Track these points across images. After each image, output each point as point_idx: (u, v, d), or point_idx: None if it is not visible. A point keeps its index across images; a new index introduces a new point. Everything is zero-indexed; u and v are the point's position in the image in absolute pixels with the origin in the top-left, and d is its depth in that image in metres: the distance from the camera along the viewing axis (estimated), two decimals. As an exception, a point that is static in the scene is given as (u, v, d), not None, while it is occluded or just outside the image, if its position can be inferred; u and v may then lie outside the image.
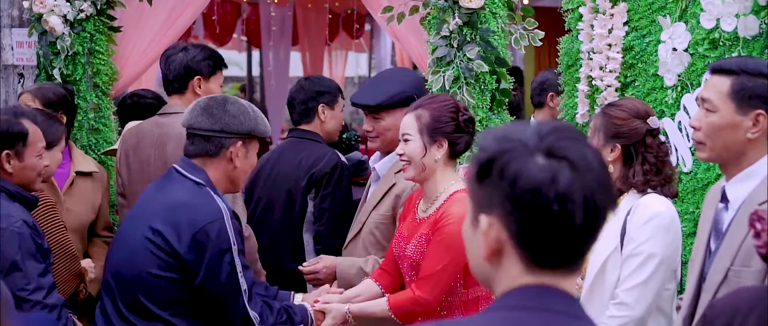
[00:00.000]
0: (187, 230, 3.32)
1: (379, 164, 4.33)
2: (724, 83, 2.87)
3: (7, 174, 3.52)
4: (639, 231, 3.32)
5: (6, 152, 3.50)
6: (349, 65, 20.45)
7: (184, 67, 4.41)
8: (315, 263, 4.20)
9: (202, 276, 3.33)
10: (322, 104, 4.72)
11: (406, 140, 3.65)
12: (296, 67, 14.68)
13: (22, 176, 3.57)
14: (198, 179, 3.42)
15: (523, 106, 7.88)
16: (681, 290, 3.44)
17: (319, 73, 13.24)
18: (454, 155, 3.69)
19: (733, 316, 2.09)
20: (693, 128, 2.99)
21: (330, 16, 11.85)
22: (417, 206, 3.79)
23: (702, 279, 2.96)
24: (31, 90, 4.50)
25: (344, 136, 6.29)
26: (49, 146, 3.79)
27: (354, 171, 5.39)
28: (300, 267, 4.22)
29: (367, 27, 13.73)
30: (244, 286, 3.42)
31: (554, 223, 1.58)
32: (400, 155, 3.68)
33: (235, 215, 3.47)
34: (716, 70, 2.91)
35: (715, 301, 2.25)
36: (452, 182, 3.67)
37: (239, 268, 3.39)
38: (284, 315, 3.62)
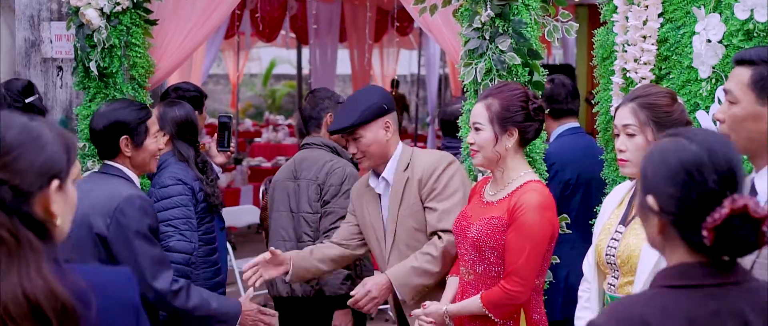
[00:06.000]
0: None
1: (386, 172, 4.23)
2: (745, 73, 2.82)
3: None
4: None
5: None
6: (400, 63, 20.38)
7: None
8: (362, 289, 4.11)
9: None
10: None
11: (477, 129, 3.67)
12: (345, 65, 14.68)
13: None
14: None
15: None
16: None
17: (366, 70, 13.20)
18: (523, 142, 3.71)
19: None
20: (718, 120, 2.94)
21: (369, 14, 11.82)
22: (483, 191, 3.81)
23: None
24: None
25: None
26: None
27: None
28: (350, 303, 4.16)
29: (416, 24, 13.68)
30: None
31: None
32: (471, 144, 3.72)
33: None
34: (738, 61, 2.87)
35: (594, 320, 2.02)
36: (525, 172, 3.71)
37: None
38: None
